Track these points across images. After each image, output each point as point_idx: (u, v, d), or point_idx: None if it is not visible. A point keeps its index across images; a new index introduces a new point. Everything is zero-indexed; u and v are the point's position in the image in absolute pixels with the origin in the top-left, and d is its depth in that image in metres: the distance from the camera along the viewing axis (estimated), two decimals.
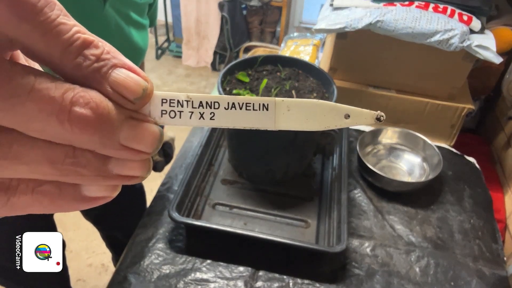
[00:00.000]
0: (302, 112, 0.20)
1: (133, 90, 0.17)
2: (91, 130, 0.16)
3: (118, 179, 0.18)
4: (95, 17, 0.58)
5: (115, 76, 0.17)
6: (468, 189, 0.91)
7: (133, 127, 0.17)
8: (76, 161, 0.16)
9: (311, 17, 2.85)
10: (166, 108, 0.19)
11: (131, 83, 0.17)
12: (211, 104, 0.19)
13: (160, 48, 3.02)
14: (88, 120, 0.15)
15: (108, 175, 0.17)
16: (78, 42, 0.16)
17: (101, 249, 1.46)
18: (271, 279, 0.69)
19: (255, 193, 0.84)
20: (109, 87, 0.16)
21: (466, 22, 0.86)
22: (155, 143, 0.18)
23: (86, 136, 0.16)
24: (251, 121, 0.19)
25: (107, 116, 0.16)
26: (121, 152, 0.17)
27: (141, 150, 0.17)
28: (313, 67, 0.84)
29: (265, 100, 0.19)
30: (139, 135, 0.17)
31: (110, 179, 0.18)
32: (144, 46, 0.73)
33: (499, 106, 1.10)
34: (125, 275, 0.69)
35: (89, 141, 0.16)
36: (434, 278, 0.72)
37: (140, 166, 0.18)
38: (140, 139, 0.17)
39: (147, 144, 0.17)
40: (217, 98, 0.19)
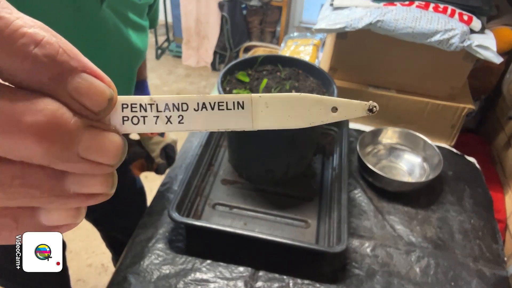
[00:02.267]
0: (282, 108, 0.17)
1: (97, 101, 0.14)
2: (46, 142, 0.13)
3: (78, 198, 0.15)
4: (92, 18, 0.57)
5: (76, 85, 0.14)
6: (468, 189, 0.90)
7: (94, 137, 0.15)
8: (25, 182, 0.14)
9: (311, 17, 2.85)
10: (128, 114, 0.16)
11: (95, 92, 0.14)
12: (178, 106, 0.17)
13: (160, 48, 3.02)
14: (43, 131, 0.13)
15: (65, 194, 0.15)
16: (23, 39, 0.13)
17: (101, 249, 1.46)
18: (271, 279, 0.69)
19: (255, 193, 0.84)
20: (68, 96, 0.14)
21: (467, 22, 0.86)
22: (119, 154, 0.16)
23: (40, 148, 0.13)
24: (225, 123, 0.17)
25: (65, 125, 0.14)
26: (80, 166, 0.15)
27: (103, 162, 0.15)
28: (313, 67, 0.84)
29: (239, 97, 0.17)
30: (100, 145, 0.15)
31: (68, 199, 0.15)
32: (144, 47, 0.73)
33: (500, 106, 1.10)
34: (125, 275, 0.69)
35: (44, 154, 0.14)
36: (434, 278, 0.72)
37: (101, 181, 0.16)
38: (102, 150, 0.15)
39: (109, 155, 0.15)
40: (184, 99, 0.17)
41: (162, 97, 0.17)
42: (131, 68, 0.73)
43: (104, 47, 0.62)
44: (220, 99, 0.17)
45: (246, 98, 0.17)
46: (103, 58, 0.63)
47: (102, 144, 0.15)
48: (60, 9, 0.52)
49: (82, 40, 0.58)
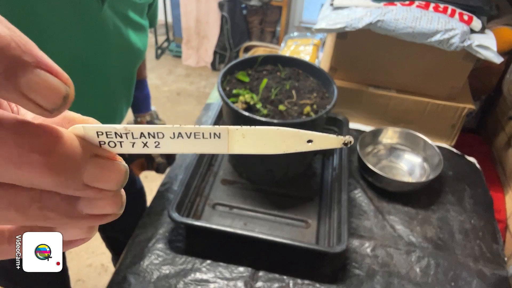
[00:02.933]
0: (259, 139, 0.18)
1: (51, 99, 0.14)
2: (53, 173, 0.14)
3: (90, 219, 0.17)
4: (93, 18, 0.57)
5: (29, 81, 0.13)
6: (468, 189, 0.90)
7: (98, 166, 0.16)
8: (43, 205, 0.15)
9: (311, 17, 2.85)
10: (104, 139, 0.17)
11: (49, 89, 0.14)
12: (154, 134, 0.17)
13: (159, 47, 3.02)
14: (48, 164, 0.14)
15: (78, 216, 0.16)
16: None
17: (101, 249, 1.46)
18: (271, 279, 0.69)
19: (255, 193, 0.84)
20: (20, 93, 0.13)
21: (467, 22, 0.86)
22: (121, 181, 0.17)
23: (48, 179, 0.14)
24: (201, 148, 0.18)
25: (71, 157, 0.15)
26: (85, 192, 0.16)
27: (106, 188, 0.16)
28: (313, 67, 0.84)
29: (216, 129, 0.18)
30: (104, 174, 0.16)
31: (81, 220, 0.17)
32: (143, 47, 0.73)
33: (500, 106, 1.09)
34: (124, 276, 0.69)
35: (52, 184, 0.15)
36: (434, 279, 0.72)
37: (111, 203, 0.17)
38: (105, 178, 0.16)
39: (112, 182, 0.16)
40: (160, 129, 0.17)
41: (136, 126, 0.17)
42: (131, 67, 0.73)
43: (104, 47, 0.62)
44: (196, 130, 0.18)
45: (222, 130, 0.18)
46: (103, 57, 0.63)
47: (106, 173, 0.16)
48: (61, 10, 0.52)
49: (83, 40, 0.58)
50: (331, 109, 0.73)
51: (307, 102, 0.77)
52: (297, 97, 0.78)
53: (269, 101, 0.77)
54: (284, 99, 0.77)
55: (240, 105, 0.73)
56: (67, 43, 0.55)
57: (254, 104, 0.75)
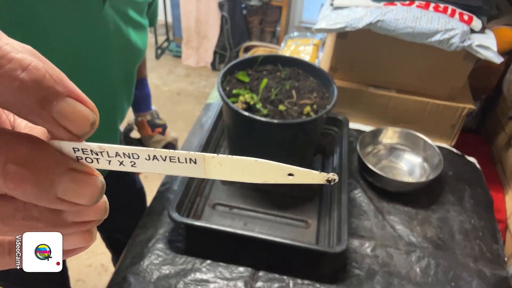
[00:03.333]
0: (237, 168, 0.18)
1: (80, 126, 0.15)
2: (25, 185, 0.14)
3: (75, 226, 0.17)
4: (94, 18, 0.57)
5: (61, 109, 0.14)
6: (468, 189, 0.90)
7: (72, 180, 0.16)
8: (27, 215, 0.16)
9: (311, 17, 2.85)
10: (81, 155, 0.17)
11: (79, 117, 0.15)
12: (129, 155, 0.17)
13: (159, 47, 3.02)
14: (22, 176, 0.14)
15: (63, 224, 0.17)
16: (11, 64, 0.13)
17: (101, 249, 1.46)
18: (271, 279, 0.69)
19: (255, 193, 0.84)
20: (53, 120, 0.14)
21: (467, 22, 0.86)
22: (95, 196, 0.16)
23: (19, 190, 0.15)
24: (178, 171, 0.18)
25: (46, 171, 0.15)
26: (60, 205, 0.16)
27: (79, 203, 0.16)
28: (313, 67, 0.84)
29: (192, 155, 0.18)
30: (78, 189, 0.16)
31: (67, 228, 0.17)
32: (143, 46, 0.73)
33: (500, 106, 1.09)
34: (124, 276, 0.69)
35: (25, 196, 0.15)
36: (434, 279, 0.72)
37: (93, 211, 0.17)
38: (79, 193, 0.16)
39: (86, 198, 0.16)
40: (135, 150, 0.17)
41: (111, 146, 0.17)
42: (132, 66, 0.73)
43: (105, 46, 0.62)
44: (171, 154, 0.17)
45: (198, 157, 0.18)
46: (104, 57, 0.63)
47: (80, 188, 0.16)
48: (62, 9, 0.51)
49: (84, 39, 0.57)
50: (331, 109, 0.73)
51: (307, 102, 0.77)
52: (297, 97, 0.78)
53: (269, 101, 0.77)
54: (284, 99, 0.77)
55: (240, 105, 0.73)
56: (68, 42, 0.55)
57: (254, 104, 0.74)
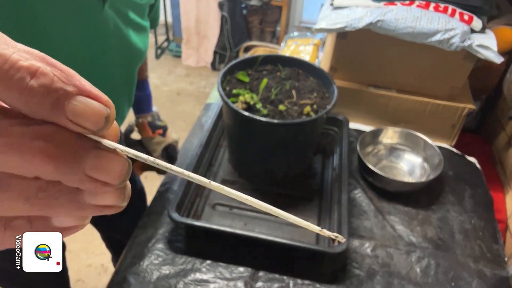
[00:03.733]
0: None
1: (95, 121, 0.16)
2: (54, 161, 0.15)
3: (93, 209, 0.17)
4: (93, 18, 0.57)
5: (73, 108, 0.15)
6: (469, 189, 0.90)
7: (99, 157, 0.16)
8: (48, 194, 0.16)
9: (311, 17, 2.85)
10: None
11: (92, 112, 0.15)
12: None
13: (159, 47, 3.02)
14: (48, 151, 0.15)
15: (82, 206, 0.17)
16: (20, 73, 0.14)
17: (101, 249, 1.46)
18: (271, 279, 0.69)
19: (255, 193, 0.83)
20: (67, 119, 0.15)
21: (467, 22, 0.86)
22: (123, 175, 0.17)
23: (49, 167, 0.15)
24: None
25: (70, 146, 0.15)
26: (88, 184, 0.16)
27: (108, 181, 0.16)
28: (313, 67, 0.84)
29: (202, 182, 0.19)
30: (105, 165, 0.16)
31: (84, 210, 0.17)
32: (144, 48, 0.72)
33: (500, 106, 1.09)
34: (124, 276, 0.69)
35: (53, 172, 0.15)
36: (434, 279, 0.72)
37: (114, 195, 0.17)
38: (107, 170, 0.16)
39: (114, 175, 0.16)
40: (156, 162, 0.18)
41: (129, 150, 0.18)
42: (132, 68, 0.73)
43: (105, 47, 0.62)
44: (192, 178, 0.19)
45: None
46: (104, 58, 0.63)
47: (107, 164, 0.16)
48: (61, 10, 0.51)
49: (83, 40, 0.57)
50: (331, 109, 0.73)
51: (307, 102, 0.77)
52: (297, 97, 0.78)
53: (269, 101, 0.77)
54: (284, 99, 0.77)
55: (240, 105, 0.73)
56: (67, 43, 0.55)
57: (254, 104, 0.74)
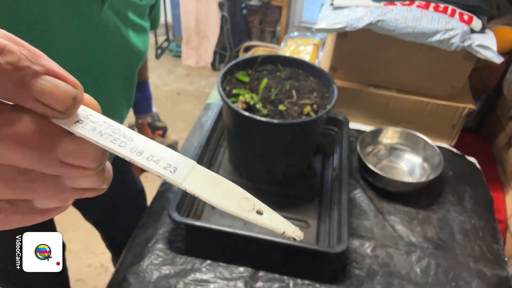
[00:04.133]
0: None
1: (62, 101, 0.15)
2: (25, 148, 0.15)
3: (73, 192, 0.17)
4: (93, 19, 0.56)
5: (40, 87, 0.15)
6: (469, 189, 0.90)
7: (71, 142, 0.16)
8: (28, 178, 0.16)
9: (312, 17, 2.85)
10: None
11: (59, 92, 0.15)
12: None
13: (159, 47, 3.01)
14: (21, 138, 0.15)
15: (62, 189, 0.17)
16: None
17: (101, 249, 1.46)
18: (271, 279, 0.69)
19: (255, 193, 0.82)
20: (33, 99, 0.15)
21: (467, 22, 0.86)
22: (98, 158, 0.17)
23: (21, 155, 0.15)
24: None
25: (40, 133, 0.15)
26: (63, 170, 0.16)
27: (84, 166, 0.16)
28: (313, 67, 0.84)
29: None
30: (79, 150, 0.16)
31: (65, 193, 0.17)
32: (144, 48, 0.72)
33: (500, 106, 1.09)
34: (124, 276, 0.69)
35: (26, 160, 0.15)
36: (435, 279, 0.72)
37: (94, 178, 0.17)
38: (81, 155, 0.16)
39: (89, 159, 0.16)
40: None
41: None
42: (132, 68, 0.73)
43: (104, 49, 0.62)
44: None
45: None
46: (103, 58, 0.63)
47: (81, 149, 0.16)
48: (59, 12, 0.51)
49: (82, 41, 0.57)
50: (331, 109, 0.73)
51: (307, 102, 0.77)
52: (297, 97, 0.78)
53: (269, 101, 0.77)
54: (284, 99, 0.77)
55: (240, 105, 0.73)
56: (66, 44, 0.55)
57: (254, 104, 0.74)
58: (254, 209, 0.20)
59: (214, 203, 0.19)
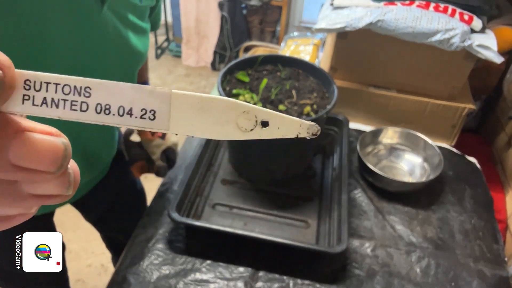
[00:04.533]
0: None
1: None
2: None
3: (34, 199, 0.15)
4: (92, 21, 0.56)
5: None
6: (469, 189, 0.90)
7: (26, 142, 0.13)
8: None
9: (312, 17, 2.85)
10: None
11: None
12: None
13: (159, 47, 3.01)
14: None
15: (21, 196, 0.15)
16: None
17: (101, 249, 1.46)
18: (271, 279, 0.69)
19: (255, 193, 0.83)
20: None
21: (467, 22, 0.86)
22: (58, 160, 0.14)
23: None
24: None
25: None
26: (18, 174, 0.14)
27: (42, 169, 0.14)
28: (313, 67, 0.84)
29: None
30: (33, 152, 0.13)
31: (25, 201, 0.15)
32: (144, 50, 0.72)
33: (500, 106, 1.09)
34: (124, 276, 0.69)
35: None
36: (434, 279, 0.72)
37: (55, 184, 0.15)
38: (36, 156, 0.14)
39: (46, 162, 0.14)
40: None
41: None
42: (131, 70, 0.73)
43: (104, 50, 0.62)
44: None
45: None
46: (103, 60, 0.63)
47: (35, 150, 0.13)
48: (59, 13, 0.51)
49: (82, 42, 0.57)
50: (331, 109, 0.73)
51: (307, 102, 0.77)
52: (297, 97, 0.78)
53: (269, 101, 0.77)
54: (284, 99, 0.77)
55: None
56: (66, 46, 0.55)
57: (254, 104, 0.74)
58: (257, 123, 0.16)
59: (210, 137, 0.16)
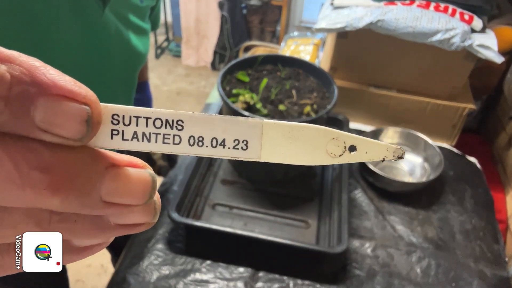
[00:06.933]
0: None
1: (72, 128, 0.12)
2: (60, 193, 0.12)
3: (119, 229, 0.15)
4: (94, 22, 0.56)
5: (41, 114, 0.12)
6: (469, 190, 0.90)
7: (116, 179, 0.13)
8: (64, 218, 0.13)
9: (312, 16, 2.84)
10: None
11: (67, 117, 0.12)
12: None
13: (159, 47, 3.01)
14: (52, 184, 0.12)
15: (106, 227, 0.14)
16: None
17: None
18: (271, 280, 0.69)
19: (255, 193, 0.83)
20: (38, 130, 0.12)
21: (468, 22, 0.86)
22: (147, 192, 0.14)
23: (55, 201, 0.12)
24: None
25: (76, 172, 0.12)
26: (107, 210, 0.13)
27: (131, 203, 0.14)
28: (314, 67, 0.84)
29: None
30: (125, 187, 0.13)
31: (110, 231, 0.14)
32: (145, 50, 0.72)
33: (501, 106, 1.09)
34: (124, 276, 0.68)
35: (62, 206, 0.12)
36: (435, 279, 0.72)
37: (143, 213, 0.15)
38: (128, 192, 0.13)
39: (137, 195, 0.14)
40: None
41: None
42: (132, 71, 0.73)
43: (105, 51, 0.61)
44: None
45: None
46: (104, 62, 0.63)
47: (127, 185, 0.13)
48: (61, 14, 0.51)
49: (84, 44, 0.57)
50: (332, 109, 0.73)
51: (307, 102, 0.76)
52: (297, 97, 0.78)
53: (269, 101, 0.76)
54: (284, 99, 0.77)
55: (240, 105, 0.73)
56: (68, 47, 0.55)
57: (254, 104, 0.74)
58: (345, 148, 0.16)
59: (300, 163, 0.16)
